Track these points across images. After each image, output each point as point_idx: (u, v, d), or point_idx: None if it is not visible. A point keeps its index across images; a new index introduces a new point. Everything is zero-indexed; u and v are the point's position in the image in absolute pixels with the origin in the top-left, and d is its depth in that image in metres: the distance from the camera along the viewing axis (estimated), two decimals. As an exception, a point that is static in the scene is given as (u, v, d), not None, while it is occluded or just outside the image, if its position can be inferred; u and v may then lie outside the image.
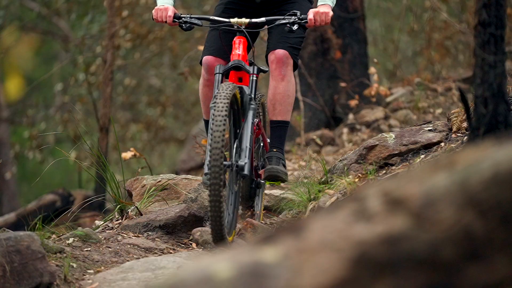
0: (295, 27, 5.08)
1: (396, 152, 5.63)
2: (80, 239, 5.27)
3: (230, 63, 5.14)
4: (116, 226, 5.66)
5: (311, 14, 5.11)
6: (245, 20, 5.14)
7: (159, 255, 5.12)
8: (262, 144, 5.61)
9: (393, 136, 5.72)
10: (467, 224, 2.06)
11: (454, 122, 5.72)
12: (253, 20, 5.15)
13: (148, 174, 7.34)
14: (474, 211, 2.07)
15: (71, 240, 5.24)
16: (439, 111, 8.83)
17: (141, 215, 5.58)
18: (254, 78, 5.15)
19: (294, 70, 5.32)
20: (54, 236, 5.27)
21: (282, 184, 7.03)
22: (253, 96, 5.10)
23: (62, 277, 4.70)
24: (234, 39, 5.17)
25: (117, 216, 5.72)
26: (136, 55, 12.92)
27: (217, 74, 5.11)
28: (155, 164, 14.28)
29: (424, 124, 5.90)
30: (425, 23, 9.67)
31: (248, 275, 2.06)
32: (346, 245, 2.07)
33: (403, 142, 5.65)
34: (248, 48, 5.25)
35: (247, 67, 5.14)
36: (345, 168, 5.69)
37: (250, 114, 5.03)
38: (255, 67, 5.17)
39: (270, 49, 5.28)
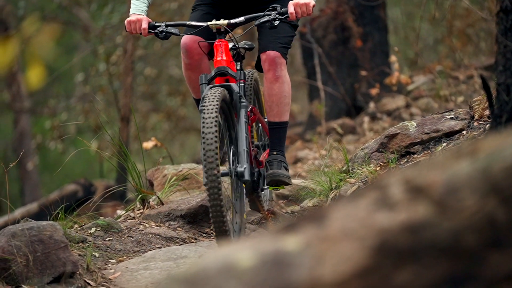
0: (276, 22, 4.89)
1: (418, 140, 5.61)
2: (102, 229, 5.29)
3: (214, 71, 4.93)
4: (138, 215, 5.68)
5: (291, 6, 4.89)
6: (223, 22, 4.91)
7: (181, 244, 5.13)
8: (260, 126, 5.53)
9: (415, 125, 5.70)
10: (490, 212, 2.05)
11: (476, 110, 5.69)
12: (232, 21, 4.92)
13: (169, 163, 7.35)
14: (497, 198, 2.05)
15: (93, 229, 5.26)
16: (461, 99, 8.79)
17: (163, 204, 5.59)
18: (242, 84, 4.98)
19: None
20: (76, 226, 5.30)
21: (303, 173, 7.03)
22: (242, 94, 4.94)
23: (84, 266, 4.72)
24: (215, 44, 4.94)
25: (138, 206, 5.73)
26: (156, 45, 12.94)
27: (202, 85, 4.89)
28: (176, 154, 14.31)
29: (446, 112, 5.88)
30: (447, 11, 9.61)
31: (270, 263, 2.06)
32: (368, 233, 2.06)
33: (425, 130, 5.63)
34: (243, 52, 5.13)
35: (233, 73, 4.95)
36: (366, 156, 5.68)
37: (242, 113, 4.90)
38: (242, 72, 5.01)
39: (262, 49, 5.11)
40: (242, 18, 4.95)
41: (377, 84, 8.88)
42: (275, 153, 5.20)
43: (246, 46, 5.16)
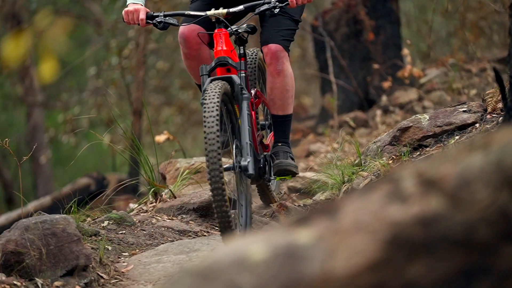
0: (276, 10, 4.82)
1: (430, 133, 5.60)
2: (115, 222, 5.30)
3: (214, 61, 4.84)
4: (150, 209, 5.69)
5: None
6: (222, 11, 4.83)
7: (193, 237, 5.14)
8: (266, 108, 5.47)
9: (427, 118, 5.68)
10: (503, 204, 2.04)
11: (489, 102, 5.67)
12: (231, 9, 4.84)
13: (182, 157, 7.36)
14: (510, 191, 2.05)
15: (106, 223, 5.27)
16: (473, 92, 8.76)
17: (175, 198, 5.60)
18: (243, 74, 4.87)
19: None
20: (89, 219, 5.31)
21: (315, 166, 7.02)
22: (244, 86, 4.84)
23: (97, 259, 4.73)
24: (215, 34, 4.86)
25: (151, 199, 5.74)
26: (168, 38, 12.94)
27: (203, 76, 4.79)
28: (188, 147, 14.32)
29: (458, 105, 5.86)
30: (459, 3, 9.58)
31: (282, 256, 2.06)
32: (380, 226, 2.06)
33: (437, 123, 5.62)
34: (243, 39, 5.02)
35: (234, 62, 4.86)
36: (379, 150, 5.67)
37: (245, 105, 4.80)
38: (242, 63, 4.89)
39: (263, 43, 5.05)
40: (241, 7, 4.88)
41: (389, 77, 8.87)
42: (280, 144, 5.17)
43: (249, 30, 5.02)
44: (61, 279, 4.52)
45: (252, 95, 5.14)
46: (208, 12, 4.84)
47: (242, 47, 5.06)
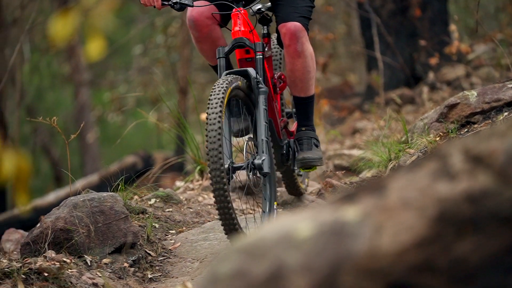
0: None
1: (478, 110, 5.55)
2: (162, 200, 5.33)
3: (231, 42, 4.65)
4: (197, 187, 5.72)
5: None
6: None
7: (239, 215, 5.15)
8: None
9: (475, 94, 5.63)
10: (553, 181, 2.02)
11: (538, 78, 5.59)
12: None
13: (227, 135, 7.36)
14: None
15: (153, 201, 5.31)
16: (522, 67, 8.65)
17: (221, 175, 5.60)
18: (259, 56, 4.65)
19: None
20: (136, 197, 5.35)
21: (361, 144, 6.99)
22: (261, 78, 4.63)
23: (145, 237, 4.77)
24: (233, 14, 4.67)
25: (197, 177, 5.77)
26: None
27: (220, 59, 4.63)
28: (234, 125, 14.32)
29: (507, 81, 5.79)
30: (507, -22, 9.45)
31: (328, 233, 2.06)
32: (428, 203, 2.05)
33: (486, 99, 5.56)
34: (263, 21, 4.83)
35: (251, 44, 4.65)
36: (426, 127, 5.63)
37: (261, 99, 4.58)
38: (259, 44, 4.66)
39: (281, 21, 4.77)
40: None
41: (436, 54, 8.78)
42: (303, 129, 4.96)
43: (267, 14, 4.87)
44: (109, 256, 4.56)
45: (276, 78, 4.97)
46: None
47: (266, 27, 4.93)
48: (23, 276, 4.15)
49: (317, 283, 2.01)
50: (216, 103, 4.32)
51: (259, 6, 4.84)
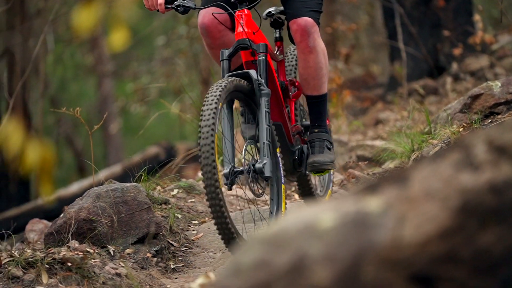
0: None
1: (503, 100, 5.52)
2: (184, 191, 5.34)
3: (234, 44, 4.50)
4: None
5: None
6: None
7: (262, 206, 5.15)
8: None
9: (499, 84, 5.59)
10: None
11: None
12: None
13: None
14: None
15: (175, 191, 5.32)
16: (546, 58, 8.59)
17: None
18: (262, 58, 4.49)
19: None
20: (159, 187, 5.36)
21: (384, 135, 6.97)
22: (263, 80, 4.47)
23: (167, 227, 4.78)
24: (236, 15, 4.51)
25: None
26: (237, 7, 12.93)
27: (223, 61, 4.49)
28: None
29: (531, 71, 5.75)
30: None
31: (351, 224, 2.06)
32: (451, 194, 2.04)
33: (510, 90, 5.53)
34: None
35: (254, 45, 4.49)
36: (449, 117, 5.60)
37: (263, 102, 4.42)
38: (263, 45, 4.50)
39: (291, 17, 4.63)
40: None
41: (460, 44, 8.73)
42: (316, 130, 4.81)
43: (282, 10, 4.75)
44: (132, 246, 4.58)
45: (288, 81, 4.85)
46: None
47: (278, 30, 4.83)
48: (47, 266, 4.17)
49: (339, 273, 2.01)
50: (212, 100, 4.21)
51: (271, 9, 4.75)
